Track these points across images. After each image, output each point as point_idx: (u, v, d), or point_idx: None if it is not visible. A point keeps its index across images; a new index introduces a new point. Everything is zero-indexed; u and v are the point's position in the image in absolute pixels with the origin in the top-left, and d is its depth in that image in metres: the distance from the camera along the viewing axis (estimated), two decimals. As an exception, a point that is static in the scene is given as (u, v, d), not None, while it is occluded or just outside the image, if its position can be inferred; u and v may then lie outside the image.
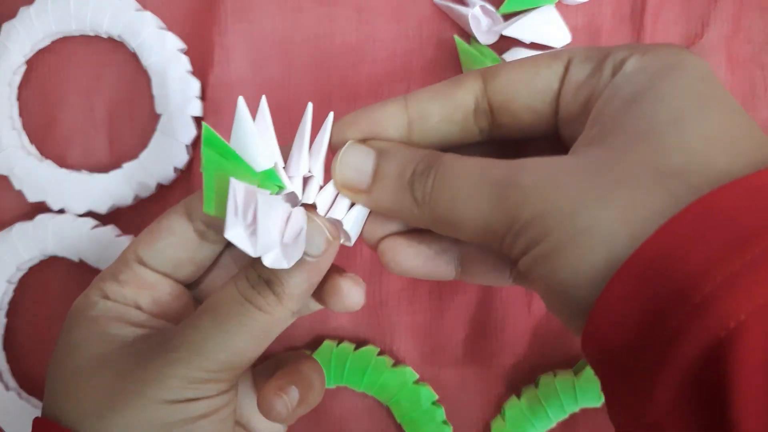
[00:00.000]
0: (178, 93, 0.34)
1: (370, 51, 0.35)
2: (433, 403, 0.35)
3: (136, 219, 0.36)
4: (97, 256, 0.35)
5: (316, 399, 0.28)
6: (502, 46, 0.34)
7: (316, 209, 0.25)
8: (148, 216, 0.35)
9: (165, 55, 0.34)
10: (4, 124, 0.35)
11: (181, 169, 0.35)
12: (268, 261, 0.23)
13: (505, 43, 0.34)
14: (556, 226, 0.19)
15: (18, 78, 0.36)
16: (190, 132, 0.34)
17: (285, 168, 0.25)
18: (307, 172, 0.25)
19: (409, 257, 0.25)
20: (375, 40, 0.35)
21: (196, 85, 0.34)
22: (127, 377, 0.24)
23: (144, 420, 0.23)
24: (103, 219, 0.35)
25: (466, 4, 0.34)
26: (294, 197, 0.25)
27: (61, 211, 0.35)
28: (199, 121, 0.35)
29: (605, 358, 0.19)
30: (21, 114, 0.36)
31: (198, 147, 0.35)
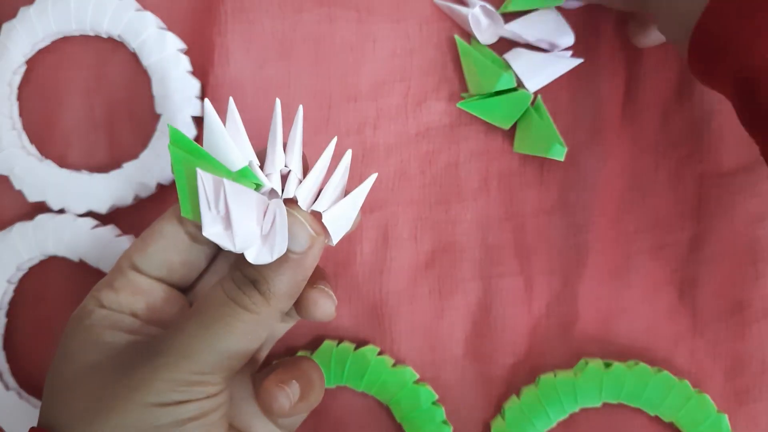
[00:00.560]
0: (178, 93, 0.34)
1: (370, 51, 0.35)
2: (433, 403, 0.34)
3: (136, 219, 0.36)
4: (97, 256, 0.35)
5: (317, 398, 0.28)
6: (502, 46, 0.34)
7: (297, 203, 0.25)
8: (148, 216, 0.35)
9: (165, 55, 0.34)
10: (4, 124, 0.35)
11: (181, 169, 0.35)
12: (251, 256, 0.23)
13: (505, 43, 0.34)
14: None
15: (18, 78, 0.36)
16: (190, 132, 0.34)
17: (263, 167, 0.25)
18: (284, 167, 0.25)
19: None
20: (375, 40, 0.35)
21: (196, 85, 0.34)
22: (116, 383, 0.24)
23: (132, 424, 0.23)
24: (103, 219, 0.35)
25: (466, 4, 0.34)
26: (274, 194, 0.25)
27: (61, 211, 0.35)
28: (199, 121, 0.35)
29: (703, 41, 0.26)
30: (21, 114, 0.36)
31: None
